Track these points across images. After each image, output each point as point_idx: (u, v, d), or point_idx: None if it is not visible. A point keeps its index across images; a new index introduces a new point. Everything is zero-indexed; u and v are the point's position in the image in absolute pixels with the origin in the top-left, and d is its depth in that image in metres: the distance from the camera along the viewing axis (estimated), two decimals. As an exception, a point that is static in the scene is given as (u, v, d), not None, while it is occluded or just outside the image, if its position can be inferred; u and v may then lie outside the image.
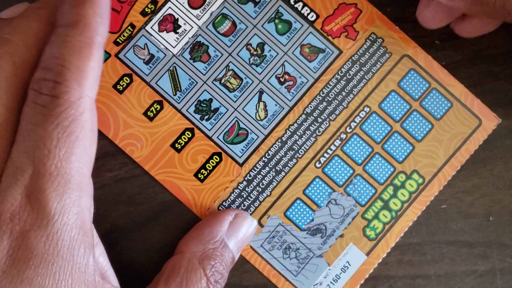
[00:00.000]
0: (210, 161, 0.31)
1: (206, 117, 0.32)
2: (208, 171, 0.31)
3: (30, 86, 0.25)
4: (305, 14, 0.32)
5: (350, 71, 0.32)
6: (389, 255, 0.32)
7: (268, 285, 0.31)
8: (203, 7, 0.32)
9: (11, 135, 0.26)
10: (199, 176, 0.31)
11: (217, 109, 0.32)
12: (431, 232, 0.32)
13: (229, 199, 0.31)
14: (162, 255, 0.31)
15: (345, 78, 0.32)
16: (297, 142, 0.32)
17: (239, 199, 0.31)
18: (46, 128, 0.24)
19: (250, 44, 0.32)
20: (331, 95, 0.32)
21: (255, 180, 0.32)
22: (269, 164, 0.32)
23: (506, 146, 0.32)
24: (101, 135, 0.31)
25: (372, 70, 0.32)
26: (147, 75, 0.31)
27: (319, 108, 0.32)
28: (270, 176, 0.32)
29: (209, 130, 0.31)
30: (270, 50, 0.32)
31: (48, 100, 0.25)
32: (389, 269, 0.32)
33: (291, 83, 0.32)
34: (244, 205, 0.31)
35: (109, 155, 0.31)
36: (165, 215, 0.32)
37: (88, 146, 0.25)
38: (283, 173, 0.32)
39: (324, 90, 0.32)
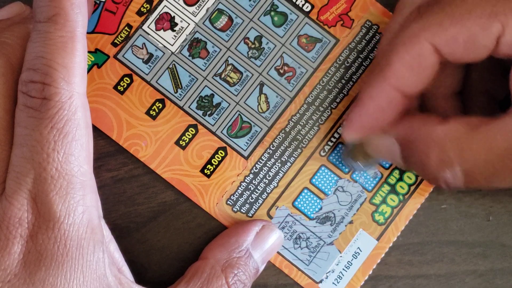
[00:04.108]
0: (216, 156, 0.31)
1: (208, 112, 0.32)
2: (214, 166, 0.31)
3: (19, 88, 0.25)
4: (300, 5, 0.32)
5: (348, 59, 0.32)
6: (389, 255, 0.32)
7: (280, 275, 0.31)
8: (198, 3, 0.32)
9: (12, 137, 0.26)
10: (206, 172, 0.31)
11: (219, 104, 0.32)
12: (431, 232, 0.32)
13: (236, 193, 0.31)
14: (162, 255, 0.31)
15: (343, 66, 0.32)
16: (301, 132, 0.32)
17: (247, 192, 0.31)
18: (42, 131, 0.24)
19: (248, 38, 0.32)
20: (331, 83, 0.32)
21: (261, 172, 0.32)
22: (274, 156, 0.32)
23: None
24: (103, 136, 0.31)
25: (370, 56, 0.32)
26: (147, 74, 0.31)
27: (320, 97, 0.32)
28: (276, 168, 0.32)
29: (213, 126, 0.31)
30: (267, 43, 0.32)
31: (39, 103, 0.25)
32: (389, 269, 0.32)
33: (290, 74, 0.32)
34: (252, 198, 0.31)
35: (108, 155, 0.31)
36: (165, 215, 0.32)
37: (86, 143, 0.26)
38: (288, 164, 0.32)
39: (323, 79, 0.32)
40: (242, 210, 0.31)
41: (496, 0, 0.25)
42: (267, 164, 0.32)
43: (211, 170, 0.31)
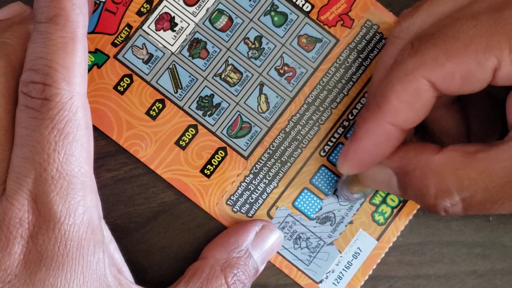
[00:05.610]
0: (216, 156, 0.31)
1: (208, 112, 0.32)
2: (214, 166, 0.31)
3: (19, 89, 0.26)
4: (300, 5, 0.32)
5: (348, 59, 0.32)
6: (389, 255, 0.32)
7: (280, 275, 0.31)
8: (198, 3, 0.32)
9: (13, 138, 0.26)
10: (206, 172, 0.31)
11: (219, 104, 0.32)
12: (431, 232, 0.32)
13: (236, 193, 0.31)
14: (162, 255, 0.31)
15: (343, 66, 0.32)
16: (301, 132, 0.32)
17: (247, 192, 0.31)
18: (42, 132, 0.25)
19: (248, 38, 0.32)
20: (331, 83, 0.32)
21: (261, 173, 0.32)
22: (274, 156, 0.32)
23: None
24: (103, 136, 0.31)
25: (370, 56, 0.32)
26: (147, 75, 0.31)
27: (320, 97, 0.32)
28: (276, 168, 0.32)
29: (213, 126, 0.31)
30: (267, 43, 0.32)
31: (39, 103, 0.25)
32: (389, 269, 0.32)
33: (290, 74, 0.32)
34: (252, 198, 0.31)
35: (109, 155, 0.31)
36: (165, 215, 0.32)
37: (86, 143, 0.26)
38: (288, 164, 0.32)
39: (324, 79, 0.32)
40: (242, 210, 0.31)
41: (490, 34, 0.25)
42: (267, 164, 0.32)
43: (211, 170, 0.31)
